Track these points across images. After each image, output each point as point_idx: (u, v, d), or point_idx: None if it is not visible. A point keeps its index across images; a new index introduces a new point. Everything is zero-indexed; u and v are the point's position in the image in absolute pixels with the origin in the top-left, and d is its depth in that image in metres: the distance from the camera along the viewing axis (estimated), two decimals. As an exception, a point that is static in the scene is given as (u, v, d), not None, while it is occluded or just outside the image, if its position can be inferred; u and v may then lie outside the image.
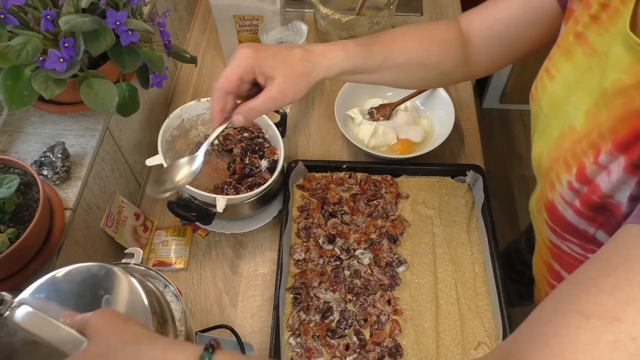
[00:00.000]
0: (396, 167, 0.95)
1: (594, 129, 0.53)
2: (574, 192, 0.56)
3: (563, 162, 0.57)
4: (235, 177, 0.88)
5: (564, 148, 0.58)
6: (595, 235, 0.57)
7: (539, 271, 0.76)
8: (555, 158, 0.59)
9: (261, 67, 0.61)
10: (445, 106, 1.02)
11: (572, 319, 0.40)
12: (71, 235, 0.74)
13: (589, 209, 0.55)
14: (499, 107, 2.29)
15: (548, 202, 0.61)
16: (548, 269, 0.71)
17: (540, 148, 0.65)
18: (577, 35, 0.57)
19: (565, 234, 0.61)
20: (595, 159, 0.52)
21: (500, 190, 2.08)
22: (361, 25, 1.05)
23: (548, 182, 0.61)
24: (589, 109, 0.55)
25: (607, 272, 0.41)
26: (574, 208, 0.57)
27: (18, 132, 0.80)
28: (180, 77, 1.17)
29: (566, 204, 0.58)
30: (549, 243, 0.67)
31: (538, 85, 0.65)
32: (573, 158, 0.56)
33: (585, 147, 0.54)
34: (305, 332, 0.78)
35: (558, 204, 0.59)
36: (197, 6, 1.30)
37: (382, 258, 0.85)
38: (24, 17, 0.66)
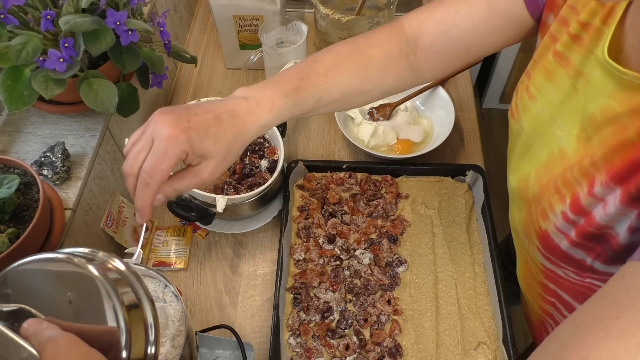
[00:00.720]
0: (396, 167, 0.95)
1: (585, 156, 0.51)
2: (570, 223, 0.54)
3: (555, 190, 0.55)
4: (235, 177, 0.88)
5: (555, 174, 0.56)
6: (592, 265, 0.55)
7: (530, 287, 0.74)
8: (546, 184, 0.57)
9: (194, 151, 0.54)
10: (445, 106, 1.02)
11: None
12: (71, 235, 0.74)
13: (586, 239, 0.53)
14: (499, 107, 2.29)
15: (541, 231, 0.59)
16: (542, 287, 0.69)
17: (525, 170, 0.62)
18: (557, 54, 0.55)
19: (560, 262, 0.59)
20: (590, 189, 0.50)
21: (500, 190, 2.06)
22: (361, 25, 1.05)
23: (539, 210, 0.59)
24: (579, 133, 0.53)
25: (615, 314, 0.38)
26: (569, 239, 0.55)
27: (18, 132, 0.80)
28: (180, 77, 1.17)
29: (561, 234, 0.55)
30: (542, 267, 0.65)
31: (519, 104, 0.62)
32: (566, 187, 0.54)
33: (578, 175, 0.52)
34: (305, 332, 0.78)
35: (552, 234, 0.57)
36: (197, 6, 1.30)
37: (382, 258, 0.85)
38: (24, 17, 0.66)
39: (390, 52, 0.67)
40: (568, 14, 0.55)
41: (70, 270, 0.46)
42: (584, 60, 0.52)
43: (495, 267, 0.82)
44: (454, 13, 0.65)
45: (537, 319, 0.78)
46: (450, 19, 0.65)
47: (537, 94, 0.59)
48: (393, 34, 0.68)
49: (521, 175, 0.64)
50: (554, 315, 0.71)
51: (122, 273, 0.49)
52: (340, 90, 0.65)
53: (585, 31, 0.52)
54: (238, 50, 1.12)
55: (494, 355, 0.77)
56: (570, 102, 0.54)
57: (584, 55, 0.52)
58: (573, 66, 0.53)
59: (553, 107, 0.57)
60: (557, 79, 0.56)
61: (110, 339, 0.44)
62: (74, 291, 0.46)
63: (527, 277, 0.73)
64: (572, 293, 0.63)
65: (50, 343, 0.41)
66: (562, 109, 0.55)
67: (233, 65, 1.17)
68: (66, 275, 0.46)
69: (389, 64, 0.67)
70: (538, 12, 0.60)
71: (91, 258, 0.48)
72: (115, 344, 0.44)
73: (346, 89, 0.65)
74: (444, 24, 0.66)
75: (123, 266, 0.49)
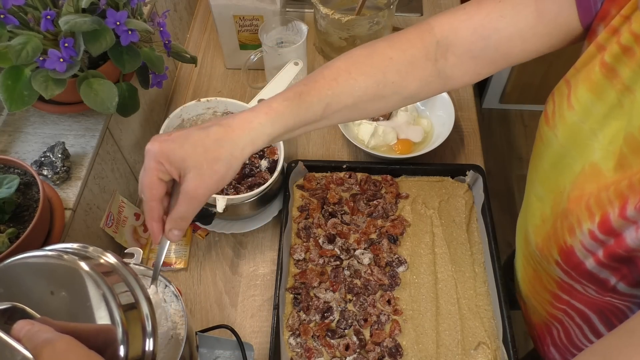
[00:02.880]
0: (396, 167, 0.95)
1: (624, 177, 0.49)
2: (598, 243, 0.52)
3: (585, 207, 0.53)
4: (235, 177, 0.88)
5: (587, 191, 0.53)
6: (616, 285, 0.54)
7: (537, 293, 0.72)
8: (576, 199, 0.55)
9: (170, 161, 0.52)
10: (445, 106, 1.02)
11: None
12: (71, 235, 0.74)
13: (613, 261, 0.51)
14: (499, 107, 2.29)
15: (566, 247, 0.57)
16: (553, 296, 0.67)
17: (561, 182, 0.59)
18: (604, 66, 0.52)
19: (581, 279, 0.57)
20: (622, 211, 0.48)
21: (500, 190, 2.08)
22: (361, 25, 1.05)
23: (566, 225, 0.56)
24: (618, 151, 0.50)
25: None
26: (596, 258, 0.53)
27: (18, 132, 0.80)
28: (180, 77, 1.17)
29: (587, 252, 0.54)
30: (557, 279, 0.63)
31: (556, 112, 0.59)
32: (597, 205, 0.51)
33: (612, 196, 0.49)
34: (305, 332, 0.78)
35: (578, 251, 0.55)
36: (197, 6, 1.30)
37: (382, 258, 0.85)
38: (24, 17, 0.66)
39: (414, 56, 0.62)
40: (620, 23, 0.51)
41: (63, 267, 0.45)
42: (634, 76, 0.49)
43: (495, 267, 0.82)
44: (497, 17, 0.59)
45: (541, 322, 0.76)
46: (493, 24, 0.59)
47: (577, 104, 0.55)
48: (419, 36, 0.63)
49: (555, 186, 0.60)
50: (563, 320, 0.69)
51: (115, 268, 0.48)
52: (353, 95, 0.60)
53: (638, 44, 0.48)
54: (238, 50, 1.12)
55: (494, 355, 0.77)
56: (614, 117, 0.51)
57: (634, 70, 0.49)
58: (621, 80, 0.50)
59: (594, 120, 0.53)
60: (601, 92, 0.52)
61: (106, 338, 0.43)
62: (67, 289, 0.45)
63: (535, 284, 0.71)
64: (588, 305, 0.61)
65: (47, 347, 0.40)
66: (604, 124, 0.52)
67: (233, 65, 1.17)
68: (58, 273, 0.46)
69: (411, 67, 0.62)
70: (589, 19, 0.56)
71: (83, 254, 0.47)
72: (112, 343, 0.43)
73: (360, 94, 0.60)
74: (484, 28, 0.60)
75: (115, 260, 0.48)
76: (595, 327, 0.63)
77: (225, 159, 0.52)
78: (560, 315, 0.69)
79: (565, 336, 0.71)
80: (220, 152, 0.52)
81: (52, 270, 0.46)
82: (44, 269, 0.46)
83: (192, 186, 0.52)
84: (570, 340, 0.70)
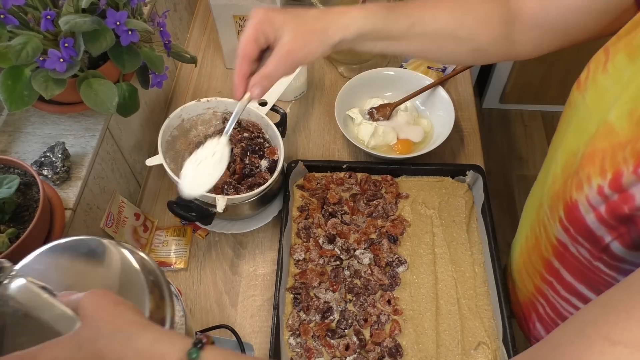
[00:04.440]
0: (396, 167, 0.95)
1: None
2: (602, 198, 0.52)
3: (599, 165, 0.54)
4: (235, 177, 0.88)
5: (599, 148, 0.54)
6: (609, 244, 0.55)
7: (530, 264, 0.74)
8: (589, 156, 0.56)
9: (271, 22, 0.58)
10: (445, 106, 1.02)
11: (597, 344, 0.38)
12: (71, 235, 0.73)
13: (614, 218, 0.52)
14: (499, 107, 2.29)
15: (570, 202, 0.58)
16: (545, 265, 0.69)
17: (576, 144, 0.61)
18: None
19: (578, 236, 0.59)
20: (636, 168, 0.48)
21: (500, 190, 2.08)
22: (361, 25, 1.05)
23: (575, 181, 0.58)
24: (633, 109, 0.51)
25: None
26: (597, 213, 0.54)
27: (18, 132, 0.80)
28: (180, 77, 1.17)
29: (590, 207, 0.55)
30: (554, 241, 0.65)
31: (590, 77, 0.61)
32: (611, 163, 0.52)
33: (628, 155, 0.50)
34: (305, 332, 0.78)
35: (581, 205, 0.56)
36: (197, 6, 1.30)
37: (382, 258, 0.85)
38: (24, 17, 0.66)
39: (490, 10, 0.66)
40: None
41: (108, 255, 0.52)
42: None
43: (495, 267, 0.82)
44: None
45: (527, 299, 0.78)
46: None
47: (612, 69, 0.56)
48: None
49: (570, 148, 0.62)
50: (547, 294, 0.71)
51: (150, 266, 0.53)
52: (435, 23, 0.64)
53: None
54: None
55: (494, 355, 0.77)
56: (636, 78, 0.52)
57: None
58: None
59: (622, 84, 0.55)
60: (636, 57, 0.53)
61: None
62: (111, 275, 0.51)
63: (532, 254, 0.73)
64: (576, 273, 0.63)
65: (84, 297, 0.45)
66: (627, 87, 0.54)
67: (233, 65, 1.15)
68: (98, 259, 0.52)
69: (487, 19, 0.66)
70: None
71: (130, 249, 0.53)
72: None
73: (441, 25, 0.65)
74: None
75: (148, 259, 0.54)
76: (585, 297, 0.65)
77: (319, 32, 0.59)
78: (545, 289, 0.71)
79: (551, 310, 0.72)
80: (316, 25, 0.59)
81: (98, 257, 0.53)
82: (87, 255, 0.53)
83: (285, 47, 0.58)
84: (557, 313, 0.71)
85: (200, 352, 0.42)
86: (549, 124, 2.23)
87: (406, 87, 1.05)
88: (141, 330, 0.44)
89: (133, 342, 0.42)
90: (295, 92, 1.10)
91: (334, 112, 1.00)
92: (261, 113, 0.91)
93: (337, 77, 1.16)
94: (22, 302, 0.45)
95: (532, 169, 2.12)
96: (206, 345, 0.43)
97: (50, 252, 0.52)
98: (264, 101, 0.93)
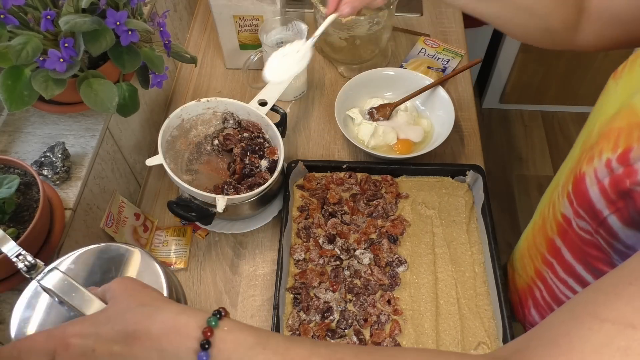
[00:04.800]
0: (396, 167, 0.95)
1: None
2: (609, 170, 0.54)
3: (614, 141, 0.55)
4: (235, 177, 0.88)
5: (617, 127, 0.56)
6: (607, 218, 0.56)
7: (534, 246, 0.76)
8: (606, 134, 0.58)
9: None
10: (445, 106, 1.02)
11: (586, 321, 0.39)
12: (71, 235, 0.74)
13: (615, 192, 0.54)
14: (499, 107, 2.29)
15: (579, 174, 0.60)
16: (548, 244, 0.71)
17: (597, 124, 0.63)
18: None
19: (580, 209, 0.60)
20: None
21: (500, 190, 2.08)
22: (361, 25, 1.05)
23: (588, 155, 0.60)
24: None
25: (629, 280, 0.40)
26: (600, 185, 0.56)
27: (18, 132, 0.80)
28: (180, 77, 1.17)
29: (595, 180, 0.57)
30: (560, 217, 0.66)
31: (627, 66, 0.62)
32: (625, 140, 0.54)
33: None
34: (305, 332, 0.78)
35: (588, 178, 0.58)
36: (197, 6, 1.30)
37: (382, 258, 0.85)
38: (24, 17, 0.66)
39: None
40: None
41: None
42: None
43: (495, 267, 0.82)
44: None
45: (525, 285, 0.80)
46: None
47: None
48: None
49: (590, 128, 0.64)
50: (546, 277, 0.73)
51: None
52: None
53: None
54: (238, 50, 1.12)
55: (494, 355, 0.77)
56: None
57: None
58: None
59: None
60: None
61: None
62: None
63: (537, 235, 0.75)
64: (575, 251, 0.65)
65: (113, 282, 0.49)
66: None
67: (233, 65, 1.17)
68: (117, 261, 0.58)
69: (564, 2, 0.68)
70: None
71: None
72: None
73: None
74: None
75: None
76: (582, 278, 0.67)
77: None
78: (545, 271, 0.73)
79: (548, 294, 0.74)
80: None
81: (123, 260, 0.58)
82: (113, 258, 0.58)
83: None
84: (553, 296, 0.73)
85: (219, 321, 0.45)
86: (549, 124, 2.23)
87: (406, 87, 1.05)
88: (166, 304, 0.47)
89: (158, 314, 0.45)
90: (295, 92, 1.10)
91: (334, 112, 1.00)
92: (261, 113, 0.91)
93: (337, 77, 1.16)
94: (57, 293, 0.50)
95: (532, 169, 2.12)
96: (225, 317, 0.46)
97: (82, 255, 0.58)
98: (264, 101, 0.93)
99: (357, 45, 1.12)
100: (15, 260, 0.52)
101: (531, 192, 2.06)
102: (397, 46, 1.22)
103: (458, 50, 1.18)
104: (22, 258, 0.52)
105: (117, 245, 0.59)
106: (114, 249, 0.58)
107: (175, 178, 0.81)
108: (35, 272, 0.52)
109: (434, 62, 1.15)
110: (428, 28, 1.25)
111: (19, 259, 0.52)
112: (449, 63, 1.15)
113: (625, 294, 0.39)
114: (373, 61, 1.16)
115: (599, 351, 0.37)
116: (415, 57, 1.17)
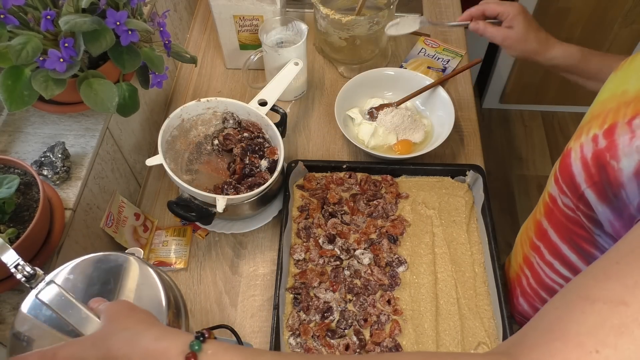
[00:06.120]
0: (396, 167, 0.95)
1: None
2: (594, 144, 0.56)
3: (603, 119, 0.57)
4: (235, 177, 0.88)
5: (608, 107, 0.58)
6: (584, 192, 0.58)
7: (525, 232, 0.79)
8: (597, 115, 0.60)
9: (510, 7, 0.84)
10: (445, 106, 1.02)
11: (578, 304, 0.40)
12: (71, 235, 0.74)
13: (595, 165, 0.56)
14: (499, 107, 2.29)
15: (567, 150, 0.62)
16: (536, 227, 0.73)
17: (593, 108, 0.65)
18: None
19: (563, 184, 0.62)
20: (631, 120, 0.52)
21: (500, 190, 2.08)
22: (361, 25, 1.05)
23: (577, 133, 0.62)
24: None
25: (616, 260, 0.41)
26: (583, 159, 0.58)
27: (18, 132, 0.80)
28: (180, 77, 1.17)
29: (580, 154, 0.58)
30: (547, 198, 0.69)
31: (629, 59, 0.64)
32: (612, 117, 0.56)
33: (630, 111, 0.54)
34: (305, 332, 0.78)
35: (574, 152, 0.60)
36: (197, 6, 1.30)
37: (382, 258, 0.85)
38: (24, 17, 0.66)
39: None
40: None
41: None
42: None
43: (495, 267, 0.82)
44: None
45: (514, 275, 0.84)
46: None
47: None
48: None
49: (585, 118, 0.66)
50: (533, 262, 0.76)
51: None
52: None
53: None
54: (238, 50, 1.12)
55: (494, 355, 0.77)
56: None
57: None
58: None
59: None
60: None
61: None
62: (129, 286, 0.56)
63: (528, 222, 0.78)
64: (560, 230, 0.67)
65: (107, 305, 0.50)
66: None
67: (233, 65, 1.17)
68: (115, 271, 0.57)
69: None
70: None
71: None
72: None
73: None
74: None
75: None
76: (567, 259, 0.69)
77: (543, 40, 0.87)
78: (532, 257, 0.76)
79: (534, 280, 0.77)
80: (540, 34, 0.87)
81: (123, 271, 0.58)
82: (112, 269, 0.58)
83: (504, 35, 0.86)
84: (539, 281, 0.76)
85: (202, 344, 0.44)
86: (549, 124, 2.23)
87: (406, 87, 1.05)
88: (147, 328, 0.47)
89: (137, 340, 0.45)
90: (295, 92, 1.10)
91: (334, 112, 1.00)
92: (261, 113, 0.91)
93: (337, 77, 1.16)
94: (54, 308, 0.50)
95: (532, 169, 2.12)
96: (208, 339, 0.45)
97: (81, 265, 0.57)
98: (264, 101, 0.93)
99: (357, 45, 1.12)
100: (14, 270, 0.51)
101: (531, 192, 2.06)
102: (397, 46, 1.22)
103: (458, 51, 1.18)
104: (21, 269, 0.51)
105: (115, 254, 0.58)
106: (113, 259, 0.58)
107: (175, 178, 0.81)
108: (35, 281, 0.52)
109: (434, 62, 1.15)
110: (428, 28, 1.25)
111: (17, 270, 0.51)
112: (449, 63, 1.15)
113: (613, 273, 0.40)
114: (373, 61, 1.16)
115: (593, 332, 0.38)
116: (415, 57, 1.17)
